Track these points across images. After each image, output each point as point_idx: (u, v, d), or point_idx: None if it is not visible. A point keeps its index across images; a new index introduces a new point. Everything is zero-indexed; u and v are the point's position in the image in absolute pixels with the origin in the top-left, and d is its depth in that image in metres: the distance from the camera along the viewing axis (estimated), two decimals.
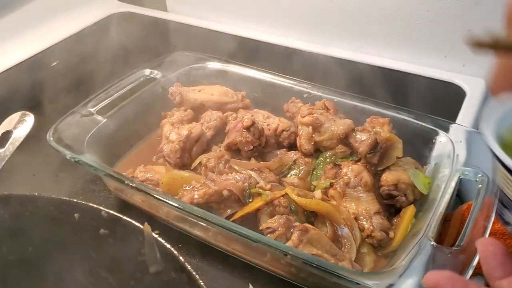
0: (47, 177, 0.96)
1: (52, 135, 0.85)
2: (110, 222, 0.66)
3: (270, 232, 0.70)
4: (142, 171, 0.87)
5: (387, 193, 0.79)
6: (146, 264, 0.63)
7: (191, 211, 0.71)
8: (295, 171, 0.85)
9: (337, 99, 0.96)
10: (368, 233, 0.74)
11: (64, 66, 1.34)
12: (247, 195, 0.78)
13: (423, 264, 0.65)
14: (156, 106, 1.02)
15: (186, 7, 1.57)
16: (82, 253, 0.67)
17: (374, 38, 1.29)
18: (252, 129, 0.86)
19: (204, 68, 1.08)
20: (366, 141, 0.81)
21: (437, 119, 0.89)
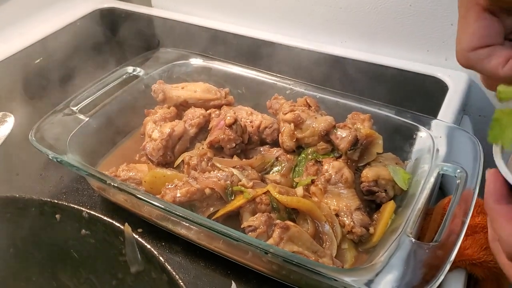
0: (31, 177, 0.96)
1: (34, 135, 0.85)
2: (91, 222, 0.66)
3: (251, 231, 0.70)
4: (125, 169, 0.87)
5: (368, 189, 0.80)
6: (127, 264, 0.63)
7: (172, 211, 0.72)
8: (278, 168, 0.86)
9: (319, 95, 0.97)
10: (348, 229, 0.75)
11: (48, 63, 1.34)
12: (229, 193, 0.78)
13: (402, 259, 0.66)
14: (139, 103, 1.02)
15: (171, 2, 1.57)
16: (64, 254, 0.68)
17: (357, 33, 1.30)
18: (235, 127, 0.86)
19: (187, 65, 1.08)
20: (347, 138, 0.81)
21: (418, 115, 0.89)
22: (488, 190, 0.48)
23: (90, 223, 0.66)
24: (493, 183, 0.47)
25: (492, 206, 0.47)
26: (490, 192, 0.47)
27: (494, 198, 0.47)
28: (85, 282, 0.67)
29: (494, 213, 0.47)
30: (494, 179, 0.47)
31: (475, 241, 0.83)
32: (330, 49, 1.31)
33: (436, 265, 0.64)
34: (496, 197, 0.47)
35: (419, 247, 0.67)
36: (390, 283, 0.62)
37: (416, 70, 1.22)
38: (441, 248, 0.66)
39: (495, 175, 0.47)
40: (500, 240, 0.46)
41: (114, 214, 0.86)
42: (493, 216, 0.47)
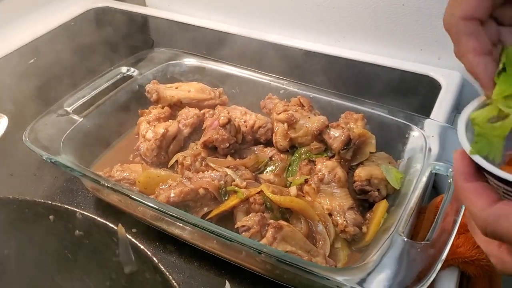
0: (25, 177, 0.96)
1: (28, 136, 0.85)
2: (85, 223, 0.66)
3: (245, 230, 0.71)
4: (119, 170, 0.87)
5: (360, 188, 0.81)
6: (121, 265, 0.64)
7: (166, 211, 0.72)
8: (271, 168, 0.87)
9: (313, 95, 0.97)
10: (341, 228, 0.76)
11: (42, 63, 1.33)
12: (223, 193, 0.79)
13: (394, 258, 0.67)
14: (133, 104, 1.02)
15: (165, 1, 1.57)
16: (58, 255, 0.68)
17: (351, 32, 1.30)
18: (228, 127, 0.87)
19: (181, 65, 1.09)
20: (340, 137, 0.82)
21: (410, 114, 0.90)
22: (456, 170, 0.48)
23: (84, 224, 0.66)
24: (461, 163, 0.47)
25: (461, 184, 0.47)
26: (458, 172, 0.48)
27: (463, 177, 0.47)
28: (79, 282, 0.68)
29: (464, 192, 0.47)
30: (461, 159, 0.47)
31: (468, 239, 0.84)
32: (324, 49, 1.31)
33: (428, 264, 0.65)
34: (464, 176, 0.47)
35: (411, 246, 0.67)
36: (382, 282, 0.63)
37: (409, 69, 1.23)
38: (433, 247, 0.67)
39: (462, 155, 0.47)
40: (474, 217, 0.46)
41: (108, 214, 0.86)
42: (464, 195, 0.47)
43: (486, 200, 0.44)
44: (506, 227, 0.42)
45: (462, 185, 0.47)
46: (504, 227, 0.42)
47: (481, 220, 0.44)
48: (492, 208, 0.43)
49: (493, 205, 0.44)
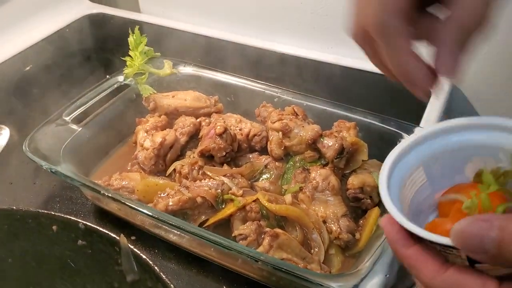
0: (24, 185, 0.97)
1: (28, 146, 0.86)
2: (88, 233, 0.68)
3: (242, 239, 0.73)
4: (118, 178, 0.89)
5: (353, 196, 0.83)
6: (123, 274, 0.66)
7: (164, 220, 0.74)
8: (267, 176, 0.89)
9: (307, 103, 1.00)
10: (335, 235, 0.78)
11: (38, 70, 1.35)
12: (220, 201, 0.81)
13: (386, 265, 0.69)
14: (130, 112, 1.04)
15: (159, 8, 1.58)
16: (61, 264, 0.70)
17: (343, 39, 1.31)
18: (225, 136, 0.89)
19: (177, 74, 1.10)
20: (333, 146, 0.84)
21: (401, 122, 0.92)
22: (391, 239, 0.45)
23: (86, 234, 0.68)
24: (392, 230, 0.45)
25: (402, 252, 0.44)
26: (394, 240, 0.45)
27: (401, 244, 0.44)
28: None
29: (408, 260, 0.44)
30: (391, 225, 0.45)
31: None
32: (317, 55, 1.34)
33: None
34: (401, 242, 0.44)
35: None
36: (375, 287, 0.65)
37: None
38: None
39: (390, 221, 0.45)
40: (424, 286, 0.43)
41: (108, 222, 0.89)
42: (408, 263, 0.44)
43: (433, 267, 0.42)
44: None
45: (403, 253, 0.44)
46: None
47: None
48: (442, 276, 0.42)
49: (441, 272, 0.42)
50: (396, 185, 0.49)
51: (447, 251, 0.42)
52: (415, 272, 0.44)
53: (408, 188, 0.51)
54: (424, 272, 0.43)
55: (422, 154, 0.52)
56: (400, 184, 0.50)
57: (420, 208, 0.51)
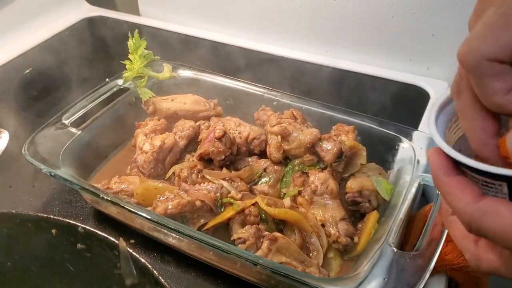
0: (23, 189, 0.97)
1: (27, 149, 0.87)
2: (87, 237, 0.68)
3: (241, 243, 0.73)
4: (117, 182, 0.89)
5: (352, 199, 0.83)
6: (122, 277, 0.66)
7: (163, 223, 0.74)
8: (266, 179, 0.89)
9: (305, 107, 1.00)
10: (334, 238, 0.78)
11: (38, 73, 1.35)
12: (219, 205, 0.81)
13: (384, 268, 0.69)
14: (130, 116, 1.04)
15: (159, 11, 1.59)
16: (60, 268, 0.70)
17: (341, 42, 1.33)
18: (224, 139, 0.89)
19: (176, 77, 1.11)
20: (332, 150, 0.85)
21: (400, 126, 0.92)
22: (435, 166, 0.46)
23: (86, 238, 0.68)
24: (438, 159, 0.46)
25: (442, 179, 0.45)
26: (438, 167, 0.46)
27: (443, 171, 0.45)
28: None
29: (446, 187, 0.45)
30: (438, 155, 0.46)
31: (455, 247, 0.86)
32: (315, 58, 1.34)
33: (416, 274, 0.68)
34: (445, 170, 0.45)
35: (401, 256, 0.70)
36: None
37: (399, 79, 1.26)
38: (422, 257, 0.70)
39: (437, 152, 0.46)
40: (458, 212, 0.44)
41: (107, 225, 0.89)
42: (446, 190, 0.45)
43: (470, 194, 0.43)
44: (491, 225, 0.42)
45: (444, 180, 0.45)
46: (489, 224, 0.42)
47: (466, 215, 0.43)
48: (478, 203, 0.43)
49: (478, 200, 0.43)
50: (443, 126, 0.49)
51: (490, 185, 0.43)
52: (450, 198, 0.45)
53: (452, 132, 0.51)
54: (461, 198, 0.44)
55: None
56: (446, 126, 0.50)
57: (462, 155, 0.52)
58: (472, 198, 0.43)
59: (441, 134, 0.49)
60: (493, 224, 0.41)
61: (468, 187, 0.44)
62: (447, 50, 1.20)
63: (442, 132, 0.49)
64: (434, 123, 0.49)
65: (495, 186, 0.42)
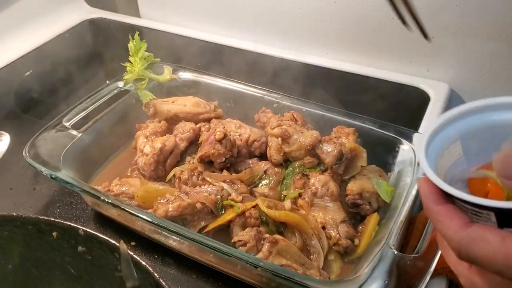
0: (24, 191, 0.98)
1: (28, 151, 0.87)
2: (88, 240, 0.68)
3: (241, 245, 0.73)
4: (118, 184, 0.89)
5: (352, 202, 0.83)
6: (123, 280, 0.66)
7: (163, 226, 0.74)
8: (266, 181, 0.89)
9: (306, 109, 1.00)
10: (335, 241, 0.79)
11: (38, 75, 1.35)
12: (220, 207, 0.81)
13: (385, 271, 0.70)
14: (131, 118, 1.04)
15: (159, 13, 1.59)
16: (61, 270, 0.70)
17: (341, 44, 1.33)
18: (224, 142, 0.89)
19: (177, 79, 1.11)
20: (332, 152, 0.85)
21: (400, 128, 0.92)
22: (424, 195, 0.49)
23: (86, 240, 0.68)
24: (428, 188, 0.48)
25: (432, 207, 0.48)
26: (427, 196, 0.48)
27: (432, 200, 0.48)
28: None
29: (436, 214, 0.47)
30: (427, 184, 0.48)
31: None
32: (315, 60, 1.34)
33: (417, 276, 0.68)
34: (433, 199, 0.48)
35: (401, 258, 0.70)
36: None
37: (399, 80, 1.26)
38: (422, 259, 0.70)
39: (427, 181, 0.48)
40: (447, 239, 0.46)
41: (108, 227, 0.89)
42: (436, 218, 0.47)
43: (458, 222, 0.45)
44: (479, 251, 0.43)
45: (433, 208, 0.48)
46: (477, 250, 0.43)
47: (455, 242, 0.45)
48: (466, 231, 0.44)
49: (466, 227, 0.45)
50: (434, 154, 0.51)
51: (479, 214, 0.44)
52: (440, 226, 0.47)
53: (445, 159, 0.53)
54: (450, 226, 0.46)
55: (461, 128, 0.54)
56: (437, 153, 0.52)
57: (455, 180, 0.53)
58: (460, 225, 0.45)
59: (433, 163, 0.50)
60: (481, 251, 0.43)
61: (457, 215, 0.46)
62: (447, 51, 1.20)
63: (434, 160, 0.51)
64: (424, 154, 0.50)
65: (483, 215, 0.44)
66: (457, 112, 0.54)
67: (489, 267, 0.44)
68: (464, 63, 1.20)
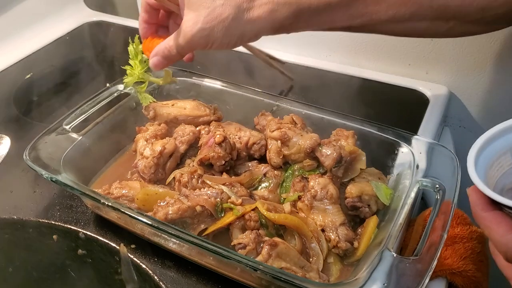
0: (24, 194, 0.98)
1: (28, 154, 0.87)
2: (88, 243, 0.69)
3: (241, 248, 0.73)
4: (118, 187, 0.89)
5: (352, 204, 0.84)
6: (123, 283, 0.66)
7: (163, 229, 0.75)
8: (266, 184, 0.89)
9: (305, 112, 1.00)
10: (334, 243, 0.79)
11: (39, 78, 1.36)
12: (219, 210, 0.81)
13: (384, 274, 0.70)
14: (131, 121, 1.05)
15: None
16: (61, 273, 0.70)
17: (341, 47, 1.34)
18: (224, 145, 0.89)
19: (177, 82, 1.11)
20: (331, 155, 0.85)
21: (398, 131, 0.93)
22: (473, 203, 0.52)
23: (87, 243, 0.69)
24: (475, 195, 0.52)
25: (480, 214, 0.51)
26: (475, 203, 0.52)
27: (480, 208, 0.51)
28: None
29: (484, 221, 0.51)
30: (475, 192, 0.52)
31: (455, 251, 0.87)
32: (314, 63, 1.35)
33: (416, 279, 0.68)
34: (481, 206, 0.51)
35: (400, 261, 0.70)
36: None
37: (398, 83, 1.26)
38: (421, 262, 0.70)
39: (475, 190, 0.52)
40: (495, 243, 0.50)
41: (108, 230, 0.89)
42: (484, 224, 0.51)
43: (505, 227, 0.49)
44: None
45: (481, 215, 0.51)
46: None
47: (503, 245, 0.48)
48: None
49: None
50: (483, 165, 0.55)
51: None
52: (488, 231, 0.51)
53: (495, 170, 0.56)
54: (497, 230, 0.49)
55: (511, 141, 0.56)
56: (487, 164, 0.55)
57: (506, 190, 0.56)
58: (507, 230, 0.49)
59: (482, 173, 0.54)
60: None
61: (504, 221, 0.50)
62: (446, 54, 1.21)
63: (484, 171, 0.54)
64: (473, 164, 0.54)
65: None
66: (508, 125, 0.56)
67: None
68: (463, 66, 1.20)
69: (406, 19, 0.75)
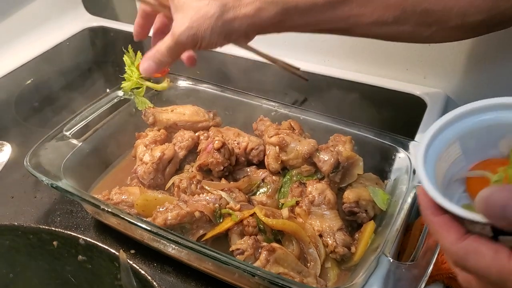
0: (25, 200, 0.98)
1: (29, 161, 0.88)
2: (88, 249, 0.70)
3: (239, 254, 0.74)
4: (117, 192, 0.90)
5: (349, 210, 0.84)
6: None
7: (162, 234, 0.75)
8: (264, 190, 0.90)
9: (303, 117, 1.01)
10: (331, 248, 0.79)
11: (39, 84, 1.36)
12: (218, 215, 0.82)
13: (380, 279, 0.71)
14: (130, 127, 1.05)
15: None
16: (61, 279, 0.71)
17: (339, 52, 1.34)
18: (223, 150, 0.90)
19: (176, 88, 1.12)
20: (329, 161, 0.86)
21: (396, 136, 0.93)
22: (422, 205, 0.51)
23: (87, 250, 0.69)
24: (425, 198, 0.50)
25: (430, 219, 0.50)
26: (425, 207, 0.50)
27: (430, 211, 0.50)
28: None
29: (433, 226, 0.49)
30: (425, 195, 0.50)
31: None
32: (313, 67, 1.35)
33: (412, 284, 0.69)
34: (431, 210, 0.49)
35: (397, 266, 0.71)
36: None
37: (396, 88, 1.27)
38: (417, 267, 0.71)
39: (425, 192, 0.50)
40: (445, 251, 0.49)
41: (108, 235, 0.90)
42: (433, 229, 0.50)
43: (454, 234, 0.47)
44: (474, 263, 0.45)
45: (431, 220, 0.50)
46: (472, 262, 0.46)
47: (451, 253, 0.47)
48: (462, 243, 0.46)
49: (462, 239, 0.46)
50: (433, 159, 0.53)
51: (474, 224, 0.46)
52: (438, 236, 0.49)
53: (443, 160, 0.55)
54: (446, 237, 0.48)
55: (459, 130, 0.56)
56: (436, 157, 0.54)
57: (454, 180, 0.55)
58: (456, 238, 0.47)
59: (431, 167, 0.52)
60: (476, 264, 0.46)
61: (453, 227, 0.48)
62: (443, 59, 1.21)
63: (433, 163, 0.53)
64: (422, 164, 0.52)
65: (479, 226, 0.46)
66: (454, 115, 0.56)
67: (484, 279, 0.46)
68: (461, 71, 1.21)
69: (390, 22, 0.76)
